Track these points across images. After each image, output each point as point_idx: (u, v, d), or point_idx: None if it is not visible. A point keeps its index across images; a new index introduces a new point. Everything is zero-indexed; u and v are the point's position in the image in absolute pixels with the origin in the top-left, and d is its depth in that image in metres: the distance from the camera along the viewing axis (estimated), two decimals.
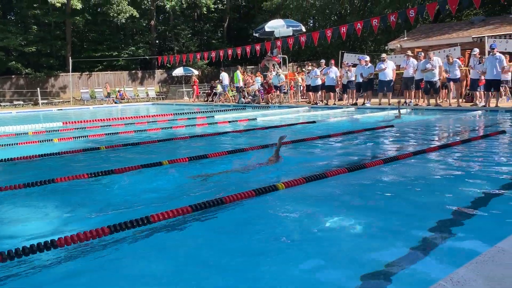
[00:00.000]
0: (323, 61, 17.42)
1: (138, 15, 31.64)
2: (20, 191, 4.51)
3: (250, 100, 20.06)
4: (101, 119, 13.30)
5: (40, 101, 25.17)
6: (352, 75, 15.66)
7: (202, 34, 38.96)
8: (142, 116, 16.23)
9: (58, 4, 27.86)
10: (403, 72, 14.48)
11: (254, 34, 22.79)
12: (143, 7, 34.42)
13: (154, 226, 3.30)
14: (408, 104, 13.98)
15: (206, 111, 16.31)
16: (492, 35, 16.07)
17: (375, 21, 14.68)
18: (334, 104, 16.41)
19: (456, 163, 5.39)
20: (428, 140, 7.65)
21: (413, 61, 14.08)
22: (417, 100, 14.52)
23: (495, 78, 11.90)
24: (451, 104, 13.36)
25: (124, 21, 31.64)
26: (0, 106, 25.04)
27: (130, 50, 33.33)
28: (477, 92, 13.04)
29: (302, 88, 19.83)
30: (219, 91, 22.57)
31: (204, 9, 33.94)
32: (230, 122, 11.50)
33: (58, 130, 10.67)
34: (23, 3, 29.74)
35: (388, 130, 8.73)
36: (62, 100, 27.83)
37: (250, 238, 3.22)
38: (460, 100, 13.87)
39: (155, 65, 33.49)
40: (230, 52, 20.37)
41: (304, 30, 21.38)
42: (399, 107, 12.37)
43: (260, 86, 20.26)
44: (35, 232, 3.37)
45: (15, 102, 26.14)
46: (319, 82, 16.55)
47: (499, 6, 25.36)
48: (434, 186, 4.37)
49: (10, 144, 8.04)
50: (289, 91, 19.61)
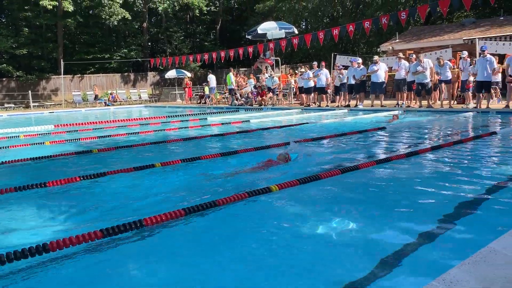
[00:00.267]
0: (315, 63, 17.48)
1: (130, 17, 31.54)
2: (11, 195, 4.47)
3: (243, 102, 20.06)
4: (93, 122, 13.23)
5: (32, 104, 24.98)
6: (344, 77, 15.71)
7: (195, 36, 38.91)
8: (134, 118, 16.17)
9: (50, 6, 27.70)
10: (395, 74, 14.57)
11: (247, 36, 22.82)
12: (135, 9, 34.32)
13: (147, 229, 3.28)
14: (401, 106, 14.05)
15: (198, 113, 16.27)
16: (483, 37, 16.22)
17: (367, 23, 14.77)
18: (327, 106, 16.47)
19: (448, 164, 5.43)
20: (420, 141, 7.70)
21: (404, 63, 14.17)
22: (409, 102, 14.61)
23: (486, 80, 12.00)
24: (442, 105, 13.45)
25: (116, 23, 31.52)
26: None
27: (123, 52, 33.20)
28: (469, 93, 13.13)
29: (295, 90, 19.87)
30: (206, 93, 22.69)
31: (197, 11, 33.90)
32: (223, 124, 11.49)
33: (50, 133, 10.59)
34: (14, 5, 29.51)
35: (380, 132, 8.77)
36: (53, 103, 27.65)
37: (245, 240, 3.22)
38: (452, 101, 13.98)
39: (147, 67, 33.39)
40: (223, 54, 20.37)
41: (296, 32, 21.44)
42: (399, 110, 12.53)
43: (253, 88, 20.28)
44: (26, 236, 3.34)
45: (6, 105, 25.92)
46: (312, 84, 16.59)
47: (489, 8, 25.60)
48: (426, 187, 4.39)
49: (1, 147, 7.97)
50: (277, 93, 19.65)
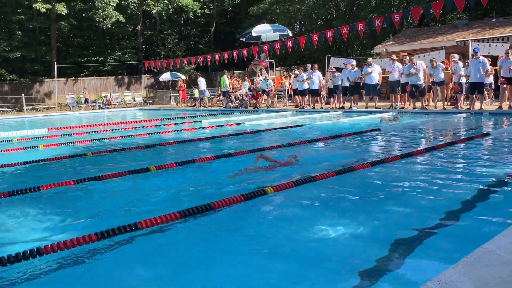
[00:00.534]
0: (309, 65, 17.52)
1: (124, 20, 31.47)
2: (4, 200, 4.44)
3: (237, 104, 20.07)
4: (87, 125, 13.18)
5: (25, 107, 24.84)
6: (338, 79, 15.77)
7: (189, 39, 38.90)
8: (129, 121, 16.12)
9: (43, 10, 27.60)
10: (388, 76, 14.64)
11: (241, 39, 22.84)
12: (129, 12, 34.25)
13: (142, 232, 3.27)
14: (395, 108, 14.12)
15: (193, 116, 16.26)
16: (475, 39, 16.33)
17: (360, 25, 14.83)
18: (321, 108, 16.50)
19: (442, 165, 5.45)
20: (414, 143, 7.73)
21: (398, 65, 14.25)
22: (403, 103, 14.68)
23: (479, 81, 12.09)
24: (436, 107, 13.53)
25: (110, 26, 31.44)
26: None
27: (116, 55, 33.11)
28: (460, 95, 13.22)
29: (290, 92, 19.90)
30: (195, 96, 22.77)
31: (191, 14, 33.90)
32: (218, 126, 11.49)
33: (44, 137, 10.53)
34: (7, 8, 29.39)
35: (375, 134, 8.79)
36: (47, 106, 27.50)
37: (240, 242, 3.21)
38: (446, 103, 14.06)
39: (141, 70, 33.32)
40: (217, 56, 20.37)
41: (290, 34, 21.48)
42: (398, 111, 12.60)
43: (247, 91, 20.29)
44: (21, 240, 3.32)
45: None
46: (306, 86, 16.63)
47: (481, 10, 25.80)
48: (419, 188, 4.41)
49: None
50: (270, 95, 19.69)
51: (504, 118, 10.81)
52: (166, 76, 28.92)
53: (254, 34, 20.57)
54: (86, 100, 25.40)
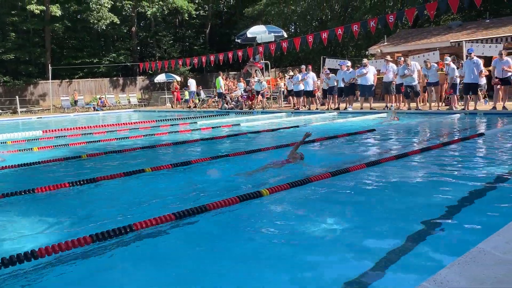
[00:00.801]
0: (303, 66, 17.55)
1: (118, 22, 31.39)
2: None
3: (233, 106, 20.07)
4: (82, 127, 13.12)
5: (19, 109, 24.71)
6: (332, 80, 15.80)
7: (184, 40, 38.86)
8: (124, 123, 16.09)
9: (37, 11, 27.47)
10: (383, 77, 14.69)
11: (236, 40, 22.85)
12: (123, 13, 34.18)
13: (137, 234, 3.26)
14: (389, 108, 14.16)
15: (188, 117, 16.24)
16: (469, 40, 16.42)
17: (355, 26, 14.87)
18: (317, 109, 16.53)
19: (437, 165, 5.47)
20: (409, 143, 7.75)
21: (392, 65, 14.32)
22: (398, 104, 14.73)
23: (473, 82, 12.15)
24: (431, 107, 13.58)
25: (104, 27, 31.38)
26: None
27: (111, 56, 33.02)
28: (454, 96, 13.29)
29: (285, 93, 19.93)
30: (185, 97, 22.87)
31: (186, 15, 33.88)
32: (213, 128, 11.48)
33: (38, 139, 10.47)
34: (1, 9, 29.24)
35: (371, 134, 8.81)
36: (42, 108, 27.37)
37: (235, 243, 3.21)
38: (440, 103, 14.13)
39: (136, 71, 33.25)
40: (212, 58, 20.36)
41: (285, 36, 21.52)
42: (396, 111, 12.63)
43: (243, 92, 20.29)
44: (15, 243, 3.30)
45: None
46: (302, 87, 16.65)
47: (475, 11, 25.94)
48: (415, 188, 4.42)
49: None
50: (266, 97, 19.72)
51: (498, 118, 10.87)
52: (161, 78, 28.86)
53: (249, 35, 20.58)
54: (76, 102, 25.24)
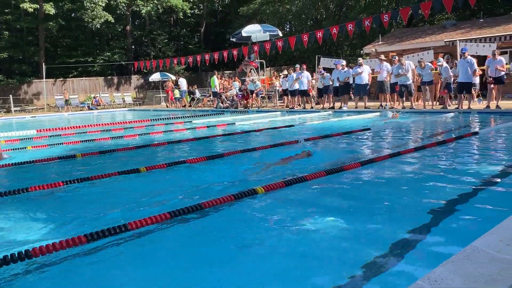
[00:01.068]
0: (297, 66, 17.56)
1: (113, 20, 31.26)
2: None
3: (228, 105, 20.05)
4: (76, 126, 13.07)
5: (13, 108, 24.57)
6: (327, 80, 15.83)
7: (179, 39, 38.77)
8: (118, 122, 16.03)
9: (31, 9, 27.30)
10: (377, 76, 14.74)
11: (231, 39, 22.81)
12: (118, 12, 34.04)
13: (132, 233, 3.25)
14: (384, 107, 14.21)
15: (183, 116, 16.21)
16: (463, 39, 16.50)
17: (350, 26, 14.90)
18: (311, 107, 16.55)
19: (431, 164, 5.49)
20: (404, 142, 7.78)
21: (386, 65, 14.37)
22: (392, 103, 14.79)
23: (467, 81, 12.22)
24: (425, 106, 13.64)
25: (99, 26, 31.23)
26: None
27: (106, 55, 32.89)
28: (448, 95, 13.37)
29: (280, 92, 19.95)
30: (175, 96, 22.89)
31: (181, 14, 33.79)
32: (208, 127, 11.47)
33: (32, 138, 10.42)
34: None
35: (366, 133, 8.84)
36: (35, 107, 27.23)
37: (229, 242, 3.21)
38: (434, 102, 14.19)
39: (131, 70, 33.13)
40: (207, 57, 20.33)
41: (280, 35, 21.51)
42: (395, 110, 12.70)
43: (238, 91, 20.28)
44: (8, 243, 3.28)
45: None
46: (297, 86, 16.68)
47: (469, 11, 26.07)
48: (410, 187, 4.44)
49: None
50: (261, 96, 19.74)
51: (491, 117, 10.94)
52: (156, 77, 28.79)
53: (244, 34, 20.57)
54: (67, 101, 25.07)
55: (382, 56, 15.17)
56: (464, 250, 2.18)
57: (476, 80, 13.35)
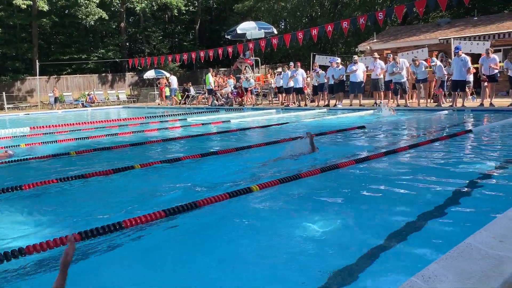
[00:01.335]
0: (291, 63, 17.54)
1: (107, 17, 31.08)
2: None
3: (223, 102, 20.03)
4: (70, 124, 13.00)
5: (6, 105, 24.39)
6: (322, 77, 15.84)
7: (174, 36, 38.64)
8: (113, 119, 15.95)
9: (24, 6, 27.08)
10: (371, 74, 14.78)
11: (226, 36, 22.78)
12: (112, 9, 33.85)
13: (126, 231, 3.24)
14: (378, 105, 14.24)
15: (178, 114, 16.16)
16: (458, 37, 16.57)
17: (345, 23, 14.91)
18: (305, 105, 16.56)
19: (425, 162, 5.52)
20: (398, 140, 7.80)
21: (380, 62, 14.41)
22: (386, 101, 14.82)
23: (461, 79, 12.27)
24: (419, 104, 13.69)
25: (93, 23, 31.04)
26: None
27: (100, 52, 32.71)
28: (442, 93, 13.42)
29: (275, 90, 19.94)
30: (166, 94, 22.97)
31: (175, 11, 33.66)
32: (203, 124, 11.45)
33: (26, 136, 10.36)
34: None
35: (361, 131, 8.85)
36: (29, 105, 27.05)
37: (224, 240, 3.21)
38: (429, 100, 14.24)
39: (125, 67, 33.00)
40: (202, 54, 20.28)
41: (275, 32, 21.50)
42: (391, 107, 12.72)
43: (233, 89, 20.26)
44: (1, 241, 3.26)
45: None
46: (292, 84, 16.68)
47: (463, 9, 26.17)
48: (403, 185, 4.45)
49: None
50: (256, 93, 19.73)
51: (485, 115, 11.00)
52: (150, 74, 28.68)
53: (239, 31, 20.54)
54: (56, 99, 24.87)
55: (376, 54, 15.20)
56: (457, 247, 2.20)
57: (470, 77, 13.42)
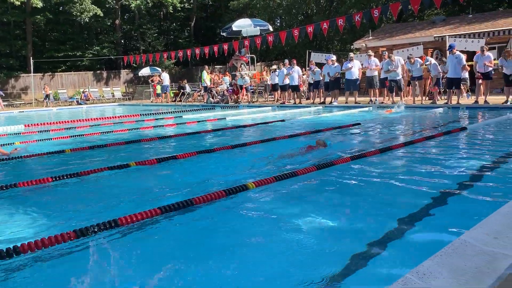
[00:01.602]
0: (286, 61, 17.54)
1: (102, 14, 30.94)
2: None
3: (219, 100, 20.00)
4: (65, 121, 12.94)
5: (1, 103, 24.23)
6: (318, 75, 15.85)
7: (169, 33, 38.51)
8: (108, 117, 15.91)
9: (18, 3, 26.91)
10: (366, 71, 14.82)
11: (222, 34, 22.73)
12: (107, 6, 33.68)
13: (122, 229, 3.24)
14: (374, 103, 14.27)
15: (174, 111, 16.14)
16: (453, 35, 16.62)
17: (340, 20, 14.92)
18: (300, 103, 16.57)
19: (420, 159, 5.54)
20: (393, 137, 7.82)
21: (374, 59, 14.44)
22: (382, 98, 14.86)
23: (456, 77, 12.32)
24: (415, 101, 13.73)
25: (87, 20, 30.88)
26: None
27: (95, 50, 32.56)
28: (437, 90, 13.48)
29: (270, 87, 19.94)
30: (157, 92, 23.01)
31: (170, 8, 33.53)
32: (199, 122, 11.43)
33: (20, 133, 10.30)
34: None
35: (356, 128, 8.87)
36: (23, 102, 26.90)
37: (219, 238, 3.21)
38: (424, 97, 14.28)
39: (120, 65, 32.87)
40: (197, 51, 20.23)
41: (271, 29, 21.48)
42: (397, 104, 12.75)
43: (228, 86, 20.23)
44: None
45: None
46: (287, 81, 16.69)
47: (458, 6, 26.25)
48: (398, 182, 4.46)
49: None
50: (252, 91, 19.74)
51: (479, 112, 11.05)
52: (145, 71, 28.59)
53: (234, 28, 20.50)
54: (48, 96, 24.70)
55: (370, 51, 15.23)
56: (452, 243, 2.21)
57: (465, 75, 13.47)
